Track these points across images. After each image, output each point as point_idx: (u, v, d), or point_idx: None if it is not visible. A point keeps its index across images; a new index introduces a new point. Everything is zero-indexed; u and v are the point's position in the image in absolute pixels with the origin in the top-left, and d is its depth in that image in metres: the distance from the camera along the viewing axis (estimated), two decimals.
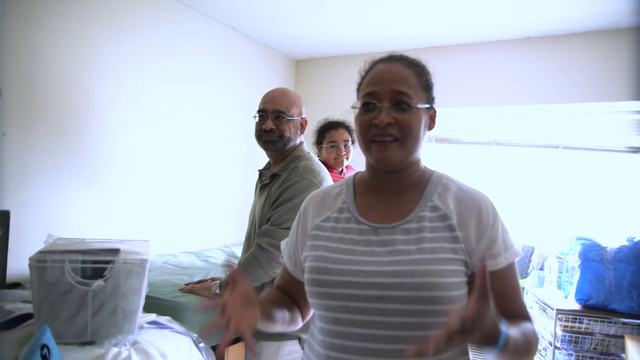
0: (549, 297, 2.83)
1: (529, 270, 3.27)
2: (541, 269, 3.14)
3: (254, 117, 1.89)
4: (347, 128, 2.61)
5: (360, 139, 0.99)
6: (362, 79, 1.03)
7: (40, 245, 1.47)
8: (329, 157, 2.60)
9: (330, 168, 2.51)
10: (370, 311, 0.89)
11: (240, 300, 0.84)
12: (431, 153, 3.71)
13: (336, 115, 2.67)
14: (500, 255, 0.94)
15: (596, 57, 3.07)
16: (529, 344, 0.88)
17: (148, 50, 2.81)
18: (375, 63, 1.03)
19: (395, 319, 0.88)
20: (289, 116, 1.84)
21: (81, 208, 2.47)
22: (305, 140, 2.01)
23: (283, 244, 1.16)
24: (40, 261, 1.30)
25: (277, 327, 1.03)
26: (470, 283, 0.93)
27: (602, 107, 3.12)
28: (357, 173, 1.11)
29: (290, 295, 1.11)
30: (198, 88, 3.20)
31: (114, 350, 1.26)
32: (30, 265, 1.29)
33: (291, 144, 1.88)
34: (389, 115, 0.94)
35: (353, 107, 1.01)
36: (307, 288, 0.99)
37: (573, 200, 3.33)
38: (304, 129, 1.95)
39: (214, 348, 1.80)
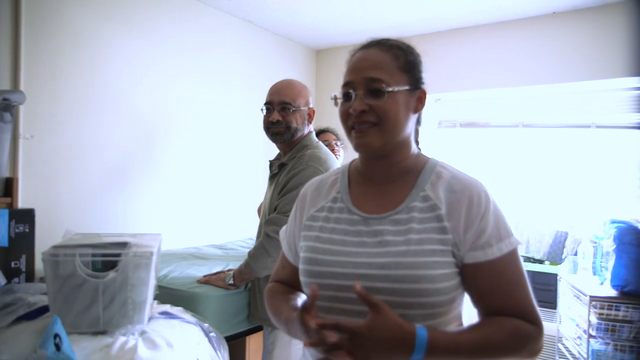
0: (582, 283, 2.71)
1: (563, 256, 3.15)
2: (575, 254, 3.01)
3: (261, 109, 1.91)
4: (332, 131, 2.96)
5: (343, 127, 1.01)
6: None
7: None
8: None
9: None
10: (359, 301, 0.88)
11: None
12: (456, 138, 3.62)
13: None
14: (492, 246, 0.90)
15: (629, 28, 2.87)
16: (488, 346, 0.86)
17: (167, 48, 2.88)
18: (356, 52, 1.03)
19: None
20: (294, 107, 1.85)
21: (107, 205, 2.57)
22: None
23: (282, 233, 1.17)
24: (53, 255, 1.37)
25: None
26: (461, 273, 0.92)
27: (637, 82, 2.93)
28: (353, 161, 1.11)
29: (297, 286, 1.09)
30: (219, 83, 3.25)
31: (122, 339, 1.31)
32: (43, 260, 1.36)
33: (299, 134, 1.89)
34: (363, 102, 0.94)
35: (333, 99, 1.02)
36: (300, 278, 1.00)
37: (608, 182, 3.16)
38: (312, 119, 1.95)
39: (227, 339, 1.84)
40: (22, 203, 2.08)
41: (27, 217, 1.84)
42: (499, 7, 3.04)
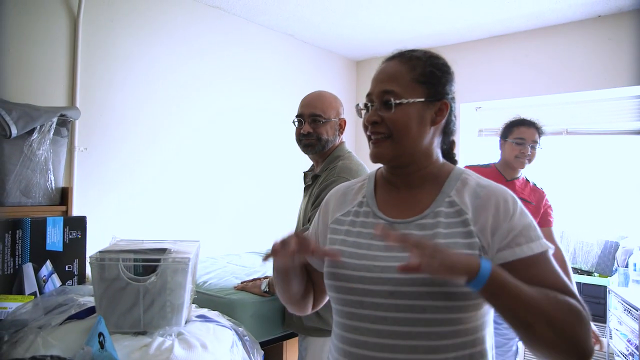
0: (634, 296, 2.58)
1: (614, 268, 3.00)
2: (626, 266, 2.86)
3: (293, 122, 1.96)
4: (539, 130, 2.32)
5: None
6: None
7: None
8: (511, 153, 2.31)
9: (505, 169, 2.37)
10: (384, 307, 0.90)
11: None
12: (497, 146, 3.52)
13: None
14: (521, 245, 0.89)
15: None
16: (542, 303, 0.82)
17: (212, 64, 3.03)
18: (382, 63, 1.06)
19: (408, 315, 0.89)
20: (325, 118, 1.89)
21: (153, 213, 2.71)
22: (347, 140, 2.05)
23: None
24: (99, 260, 1.47)
25: (286, 294, 1.12)
26: None
27: None
28: (379, 168, 1.13)
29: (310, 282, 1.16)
30: (263, 96, 3.38)
31: (159, 339, 1.38)
32: (90, 264, 1.47)
33: (330, 145, 1.93)
34: (375, 114, 0.98)
35: (357, 109, 1.06)
36: (325, 281, 1.02)
37: None
38: (344, 129, 1.98)
39: (263, 344, 1.90)
40: (75, 211, 2.25)
41: (79, 224, 1.99)
42: (538, 13, 2.97)
